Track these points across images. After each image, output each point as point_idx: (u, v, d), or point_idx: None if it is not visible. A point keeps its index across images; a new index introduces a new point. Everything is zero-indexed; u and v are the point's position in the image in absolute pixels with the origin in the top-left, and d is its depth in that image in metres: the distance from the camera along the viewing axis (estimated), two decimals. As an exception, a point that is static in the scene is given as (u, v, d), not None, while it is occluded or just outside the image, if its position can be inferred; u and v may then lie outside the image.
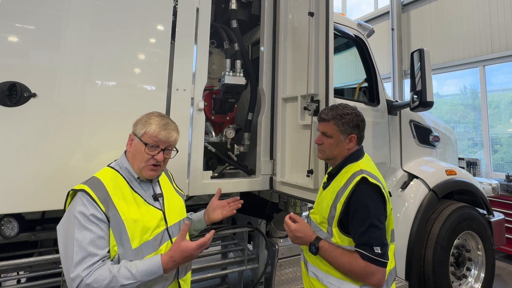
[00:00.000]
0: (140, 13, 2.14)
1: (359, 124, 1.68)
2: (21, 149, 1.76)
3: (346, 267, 1.44)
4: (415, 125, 3.50)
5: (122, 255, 1.31)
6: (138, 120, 1.50)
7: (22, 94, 1.75)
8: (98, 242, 1.26)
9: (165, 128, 1.45)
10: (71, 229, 1.27)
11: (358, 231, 1.44)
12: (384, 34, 8.50)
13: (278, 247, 2.78)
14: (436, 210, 3.16)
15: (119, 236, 1.31)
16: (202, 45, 2.40)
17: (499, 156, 6.49)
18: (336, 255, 1.48)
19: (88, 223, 1.26)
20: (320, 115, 1.74)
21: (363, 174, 1.52)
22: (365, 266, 1.40)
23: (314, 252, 1.54)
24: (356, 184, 1.50)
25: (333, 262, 1.49)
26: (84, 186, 1.35)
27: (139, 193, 1.44)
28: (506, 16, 6.19)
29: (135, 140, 1.46)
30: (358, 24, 3.23)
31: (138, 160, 1.43)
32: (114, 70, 2.04)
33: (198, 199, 3.02)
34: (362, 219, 1.43)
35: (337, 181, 1.62)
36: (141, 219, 1.37)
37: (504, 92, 6.54)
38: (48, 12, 1.87)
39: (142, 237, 1.35)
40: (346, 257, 1.45)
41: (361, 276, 1.42)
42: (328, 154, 1.71)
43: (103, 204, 1.31)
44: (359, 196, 1.48)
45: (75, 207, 1.29)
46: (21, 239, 2.15)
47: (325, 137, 1.69)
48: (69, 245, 1.25)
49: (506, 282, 4.19)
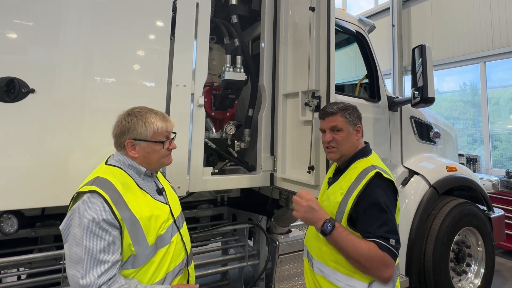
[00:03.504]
0: (140, 8, 2.12)
1: (360, 115, 1.70)
2: (20, 145, 1.75)
3: (365, 252, 1.34)
4: (415, 121, 3.49)
5: (139, 252, 1.31)
6: (129, 126, 1.39)
7: (20, 90, 1.73)
8: (109, 249, 1.22)
9: (165, 119, 1.48)
10: (78, 234, 1.20)
11: (375, 223, 1.39)
12: (384, 30, 8.46)
13: (278, 243, 2.78)
14: (437, 206, 3.16)
15: (136, 235, 1.30)
16: (202, 41, 2.38)
17: (498, 152, 6.50)
18: (354, 239, 1.38)
19: (99, 230, 1.21)
20: (325, 110, 1.71)
21: (376, 169, 1.50)
22: (383, 256, 1.35)
23: (329, 230, 1.39)
24: (370, 178, 1.48)
25: (349, 246, 1.37)
26: (93, 187, 1.27)
27: (144, 189, 1.42)
28: (507, 12, 6.17)
29: (140, 144, 1.40)
30: (359, 19, 3.21)
31: (155, 159, 1.45)
32: (113, 66, 2.02)
33: (198, 195, 3.02)
34: (379, 212, 1.40)
35: (347, 176, 1.59)
36: (154, 214, 1.37)
37: (503, 89, 6.54)
38: (47, 7, 1.85)
39: (157, 232, 1.36)
40: (364, 243, 1.36)
41: (377, 267, 1.35)
42: (342, 150, 1.63)
43: (116, 206, 1.26)
44: (375, 190, 1.45)
45: (84, 211, 1.22)
46: (21, 235, 2.15)
47: (335, 132, 1.65)
48: (77, 251, 1.20)
49: (506, 277, 4.21)
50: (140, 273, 1.32)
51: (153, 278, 1.34)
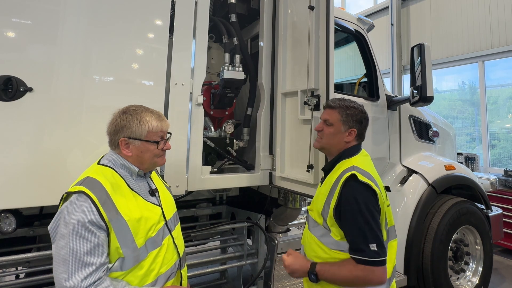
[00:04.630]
0: (138, 7, 2.11)
1: (362, 120, 1.67)
2: (18, 144, 1.74)
3: (349, 277, 1.41)
4: (414, 120, 3.50)
5: (128, 255, 1.28)
6: (124, 124, 1.37)
7: (18, 89, 1.72)
8: (95, 251, 1.20)
9: (161, 118, 1.45)
10: (65, 236, 1.18)
11: (352, 233, 1.42)
12: (383, 29, 8.46)
13: (277, 242, 2.78)
14: (435, 205, 3.17)
15: (124, 237, 1.27)
16: (200, 40, 2.37)
17: (496, 151, 6.52)
18: (335, 272, 1.45)
19: (85, 232, 1.18)
20: (328, 103, 1.75)
21: (353, 170, 1.49)
22: (364, 269, 1.39)
23: (315, 280, 1.49)
24: (345, 180, 1.48)
25: (336, 280, 1.46)
26: (81, 187, 1.25)
27: (135, 190, 1.40)
28: (506, 11, 6.17)
29: (134, 143, 1.38)
30: (358, 18, 3.21)
31: (148, 159, 1.42)
32: (111, 64, 2.01)
33: (197, 194, 3.02)
34: (354, 218, 1.42)
35: (330, 178, 1.60)
36: (143, 217, 1.34)
37: (502, 88, 6.55)
38: (44, 5, 1.84)
39: (146, 235, 1.34)
40: (345, 268, 1.43)
41: (364, 280, 1.40)
42: (324, 143, 1.69)
43: (103, 207, 1.24)
44: (348, 194, 1.46)
45: (71, 212, 1.20)
46: (19, 234, 2.14)
47: (326, 125, 1.68)
48: (63, 253, 1.17)
49: (504, 276, 4.23)
50: (129, 276, 1.29)
51: (143, 281, 1.32)
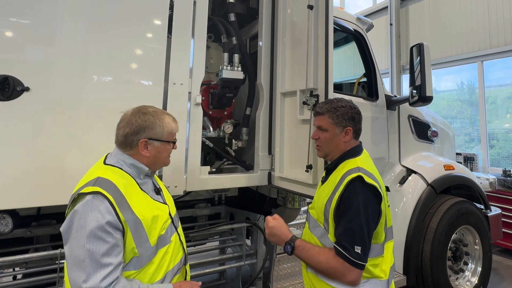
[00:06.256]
0: (136, 7, 2.10)
1: (354, 116, 1.65)
2: (14, 144, 1.73)
3: (323, 265, 1.42)
4: (413, 120, 3.50)
5: (142, 254, 1.30)
6: (146, 125, 1.37)
7: (15, 88, 1.71)
8: (112, 251, 1.21)
9: (175, 120, 1.52)
10: (80, 237, 1.18)
11: (343, 227, 1.41)
12: (382, 29, 8.46)
13: (276, 243, 2.77)
14: (434, 205, 3.17)
15: (139, 237, 1.28)
16: (199, 39, 2.36)
17: (495, 151, 6.53)
18: (313, 254, 1.46)
19: (102, 233, 1.19)
20: (315, 109, 1.72)
21: (359, 172, 1.48)
22: (342, 264, 1.38)
23: (290, 252, 1.51)
24: (350, 181, 1.47)
25: (310, 262, 1.47)
26: (96, 188, 1.24)
27: (144, 190, 1.41)
28: (504, 11, 6.18)
29: (154, 144, 1.39)
30: (357, 18, 3.21)
31: (163, 159, 1.47)
32: (110, 64, 2.00)
33: (196, 194, 3.01)
34: (351, 217, 1.41)
35: (334, 177, 1.59)
36: (155, 215, 1.36)
37: (500, 88, 6.56)
38: (42, 5, 1.83)
39: (158, 233, 1.36)
40: (323, 255, 1.43)
41: (337, 275, 1.40)
42: (325, 150, 1.68)
43: (119, 208, 1.24)
44: (352, 194, 1.44)
45: (88, 213, 1.19)
46: (16, 235, 2.12)
47: (321, 131, 1.67)
48: (79, 254, 1.17)
49: (503, 276, 4.23)
50: (141, 274, 1.31)
51: (153, 278, 1.34)
